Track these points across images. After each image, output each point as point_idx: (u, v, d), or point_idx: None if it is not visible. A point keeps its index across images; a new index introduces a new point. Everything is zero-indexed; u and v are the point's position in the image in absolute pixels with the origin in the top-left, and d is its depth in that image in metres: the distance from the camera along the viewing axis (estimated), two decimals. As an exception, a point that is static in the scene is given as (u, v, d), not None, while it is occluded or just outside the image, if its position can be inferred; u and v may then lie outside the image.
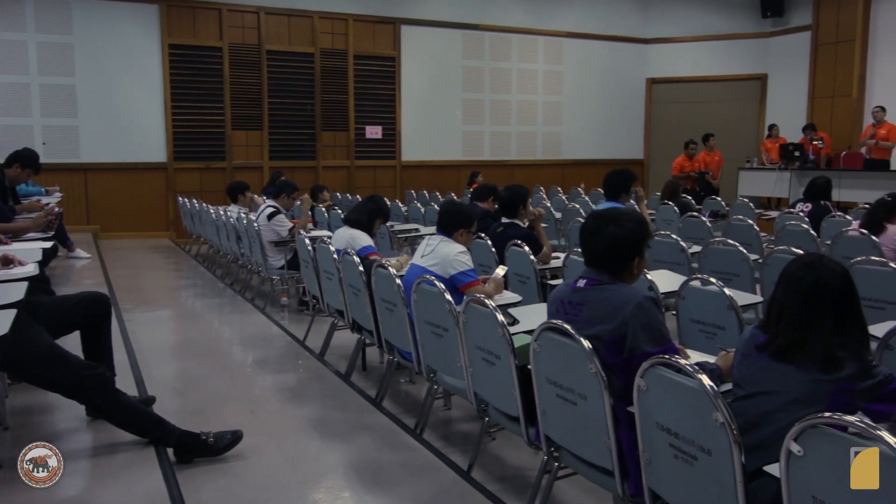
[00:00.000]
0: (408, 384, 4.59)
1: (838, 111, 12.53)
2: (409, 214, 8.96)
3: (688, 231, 6.63)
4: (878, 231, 5.10)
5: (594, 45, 14.33)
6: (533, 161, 14.00)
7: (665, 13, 14.68)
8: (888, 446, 1.49)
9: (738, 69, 14.40)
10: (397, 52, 12.63)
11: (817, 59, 12.88)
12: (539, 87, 14.01)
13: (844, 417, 1.60)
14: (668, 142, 14.69)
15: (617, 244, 2.51)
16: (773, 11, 13.78)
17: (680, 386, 2.02)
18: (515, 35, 13.62)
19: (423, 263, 3.80)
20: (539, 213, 5.09)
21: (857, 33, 12.17)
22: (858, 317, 2.11)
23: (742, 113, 14.47)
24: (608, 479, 2.41)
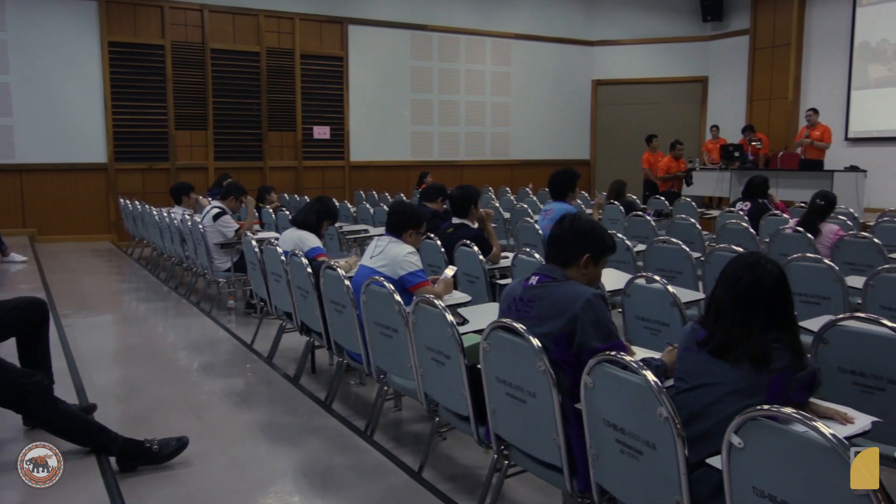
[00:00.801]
0: (358, 386, 4.57)
1: (775, 113, 12.94)
2: (358, 215, 8.91)
3: (633, 230, 6.76)
4: (813, 228, 5.29)
5: (541, 46, 14.49)
6: (482, 161, 14.08)
7: (609, 16, 14.93)
8: (824, 437, 1.54)
9: (680, 72, 14.75)
10: (345, 52, 12.55)
11: (755, 63, 13.28)
12: (487, 88, 14.09)
13: (783, 410, 1.65)
14: (614, 143, 14.97)
15: (575, 231, 2.60)
16: (713, 16, 14.17)
17: (625, 382, 2.06)
18: (463, 36, 13.67)
19: (372, 264, 3.79)
20: (488, 213, 5.12)
21: (793, 38, 12.59)
22: (791, 315, 2.19)
23: (684, 114, 14.82)
24: (557, 476, 2.44)
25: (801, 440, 1.60)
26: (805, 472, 1.61)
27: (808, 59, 12.65)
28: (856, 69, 11.89)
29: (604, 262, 2.67)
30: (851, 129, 11.95)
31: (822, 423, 1.57)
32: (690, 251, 4.78)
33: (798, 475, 1.63)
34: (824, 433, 1.54)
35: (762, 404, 1.74)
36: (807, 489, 1.61)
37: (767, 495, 1.69)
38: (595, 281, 2.66)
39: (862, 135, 11.82)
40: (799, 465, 1.62)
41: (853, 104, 11.94)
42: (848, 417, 2.08)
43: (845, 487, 1.50)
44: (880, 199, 10.61)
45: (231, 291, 6.70)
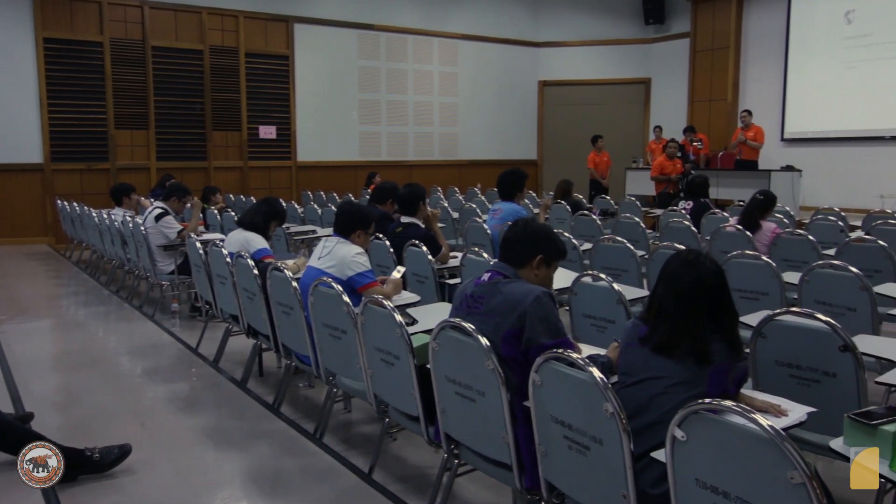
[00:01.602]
0: (306, 388, 4.52)
1: (715, 114, 13.30)
2: (306, 216, 8.83)
3: (579, 229, 6.86)
4: (753, 227, 5.45)
5: (488, 47, 14.59)
6: (430, 162, 14.09)
7: (555, 18, 15.12)
8: (762, 429, 1.59)
9: (624, 73, 15.02)
10: (291, 51, 12.40)
11: (696, 65, 13.62)
12: (435, 89, 14.12)
13: (723, 403, 1.70)
14: (561, 143, 15.17)
15: (528, 234, 2.65)
16: (655, 19, 14.48)
17: (572, 379, 2.09)
18: (411, 36, 13.66)
19: (320, 265, 3.75)
20: (434, 214, 5.13)
21: (731, 41, 12.96)
22: (730, 310, 2.26)
23: (628, 115, 15.11)
24: (507, 474, 2.46)
25: (741, 432, 1.65)
26: (744, 463, 1.66)
27: (746, 62, 13.04)
28: (790, 72, 12.29)
29: (555, 265, 2.72)
30: (787, 130, 12.35)
31: (761, 416, 1.62)
32: (635, 249, 4.87)
33: (738, 466, 1.68)
34: (763, 425, 1.59)
35: (703, 396, 1.78)
36: (746, 479, 1.66)
37: (709, 486, 1.74)
38: (547, 283, 2.70)
39: (797, 135, 12.24)
40: (739, 457, 1.67)
41: (789, 106, 12.34)
42: (782, 410, 2.15)
43: (783, 478, 1.56)
44: (815, 197, 11.01)
45: (175, 294, 6.55)
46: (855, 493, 3.00)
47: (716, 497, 1.73)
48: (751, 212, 5.56)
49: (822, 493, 1.53)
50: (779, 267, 4.16)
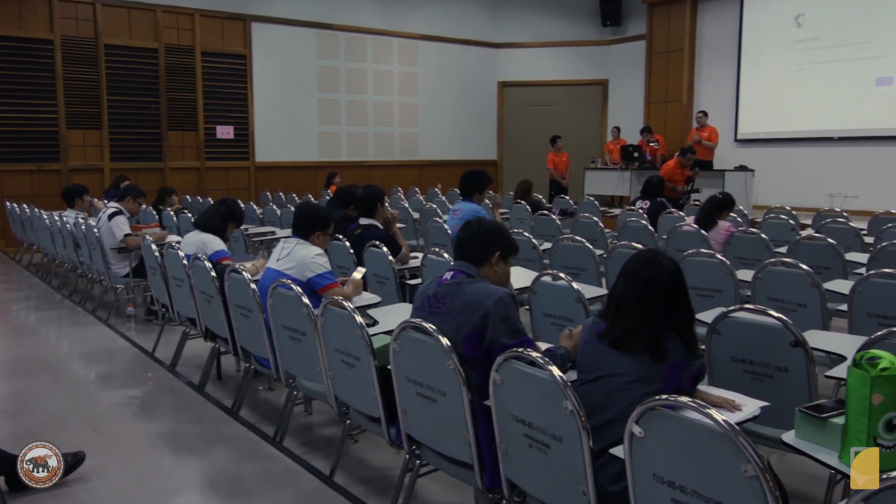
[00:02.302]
0: (266, 391, 4.47)
1: (671, 115, 13.53)
2: (265, 217, 8.73)
3: (539, 229, 6.91)
4: (710, 226, 5.56)
5: (448, 47, 14.60)
6: (391, 162, 14.05)
7: (514, 19, 15.21)
8: (717, 423, 1.63)
9: (582, 74, 15.18)
10: (248, 50, 12.25)
11: (652, 67, 13.84)
12: (395, 89, 14.08)
13: (679, 399, 1.73)
14: (520, 143, 15.26)
15: (482, 233, 2.69)
16: (612, 21, 14.67)
17: (532, 378, 2.10)
18: (370, 36, 13.61)
19: (279, 267, 3.72)
20: (394, 215, 5.12)
21: (686, 44, 13.20)
22: (687, 307, 2.30)
23: (586, 116, 15.28)
24: (468, 473, 2.47)
25: (697, 427, 1.68)
26: (700, 458, 1.69)
27: (700, 64, 13.29)
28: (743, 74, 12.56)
29: (511, 260, 2.76)
30: (741, 131, 12.63)
31: (716, 411, 1.65)
32: (594, 249, 4.93)
33: (694, 461, 1.71)
34: (717, 420, 1.62)
35: (659, 393, 1.81)
36: (702, 473, 1.69)
37: (666, 481, 1.77)
38: (506, 278, 2.75)
39: (750, 136, 12.51)
40: (695, 451, 1.70)
41: (742, 107, 12.61)
42: (736, 405, 2.20)
43: (737, 471, 1.59)
44: (767, 196, 11.27)
45: (130, 298, 6.42)
46: (808, 484, 3.10)
47: (673, 491, 1.76)
48: (709, 211, 5.67)
49: (775, 485, 1.56)
50: (733, 265, 4.26)
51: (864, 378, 1.80)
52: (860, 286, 3.60)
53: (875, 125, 10.85)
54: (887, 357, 1.81)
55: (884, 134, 10.77)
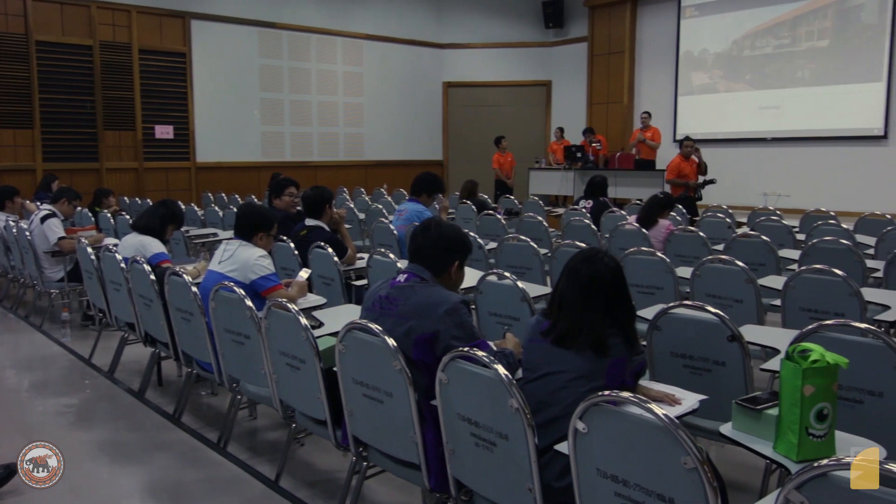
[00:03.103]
0: (209, 396, 4.39)
1: (612, 116, 13.78)
2: (207, 218, 8.55)
3: (485, 228, 6.95)
4: (651, 224, 5.69)
5: (392, 47, 14.57)
6: (336, 162, 13.94)
7: (458, 20, 15.27)
8: (657, 418, 1.66)
9: (526, 75, 15.34)
10: (188, 48, 11.99)
11: (593, 69, 14.07)
12: (339, 88, 13.97)
13: (621, 394, 1.76)
14: (466, 143, 15.34)
15: (440, 243, 2.64)
16: (554, 23, 14.87)
17: (477, 377, 2.11)
18: (314, 35, 13.47)
19: (222, 269, 3.64)
20: (340, 215, 5.08)
21: (626, 46, 13.47)
22: (628, 304, 2.34)
23: (530, 116, 15.44)
24: (416, 474, 2.46)
25: (638, 422, 1.72)
26: (642, 451, 1.73)
27: (640, 66, 13.58)
28: (681, 76, 12.90)
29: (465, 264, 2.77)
30: (679, 132, 12.93)
31: (656, 405, 1.69)
32: (538, 248, 4.98)
33: (636, 454, 1.74)
34: (657, 414, 1.66)
35: (602, 389, 1.85)
36: (644, 467, 1.73)
37: (610, 476, 1.80)
38: (461, 282, 2.75)
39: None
40: (636, 445, 1.74)
41: (680, 109, 12.94)
42: (676, 399, 2.26)
43: (677, 463, 1.63)
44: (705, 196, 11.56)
45: (65, 303, 6.21)
46: (745, 474, 3.19)
47: (616, 485, 1.79)
48: (650, 208, 5.80)
49: (713, 476, 1.61)
50: (672, 262, 4.36)
51: (797, 370, 1.86)
52: (792, 282, 3.72)
53: (805, 126, 11.27)
54: (818, 350, 1.88)
55: (813, 135, 11.20)
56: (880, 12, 10.50)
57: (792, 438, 1.87)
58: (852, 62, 10.83)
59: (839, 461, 1.38)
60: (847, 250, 4.52)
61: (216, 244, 6.44)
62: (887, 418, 2.36)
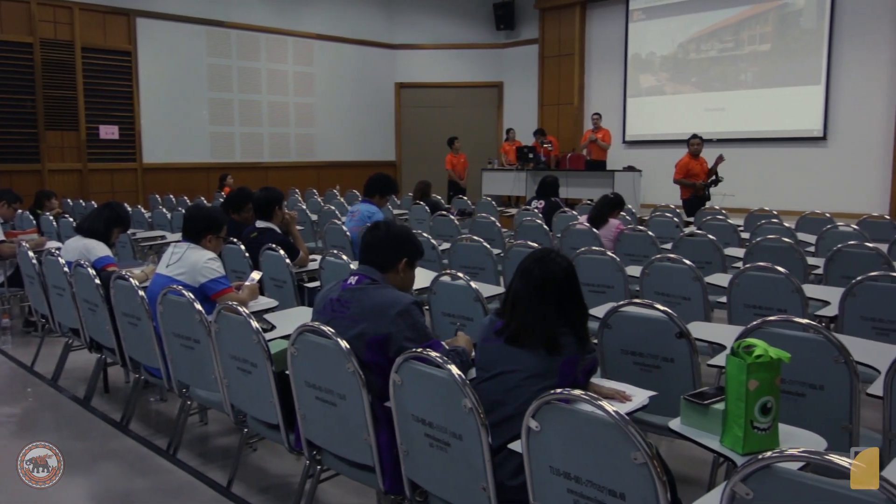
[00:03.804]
0: (158, 402, 4.29)
1: (563, 117, 13.94)
2: (154, 220, 8.36)
3: (438, 229, 6.96)
4: (601, 224, 5.77)
5: (344, 47, 14.47)
6: (287, 163, 13.79)
7: (410, 21, 15.26)
8: (608, 414, 1.69)
9: (477, 76, 15.42)
10: (133, 47, 11.70)
11: (544, 70, 14.21)
12: (290, 89, 13.82)
13: (573, 392, 1.79)
14: (418, 144, 15.33)
15: (389, 239, 2.67)
16: (505, 25, 14.97)
17: (431, 377, 2.12)
18: (264, 34, 13.30)
19: (170, 273, 3.57)
20: (292, 216, 5.03)
21: (576, 48, 13.64)
22: (580, 304, 2.38)
23: (483, 117, 15.52)
24: (370, 476, 2.45)
25: (590, 419, 1.74)
26: (593, 448, 1.75)
27: (590, 68, 13.77)
28: (629, 79, 13.13)
29: (416, 265, 2.77)
30: (628, 133, 13.17)
31: (607, 402, 1.72)
32: (491, 248, 5.01)
33: (588, 451, 1.77)
34: (608, 411, 1.69)
35: (555, 387, 1.87)
36: (595, 463, 1.76)
37: (562, 473, 1.82)
38: (411, 283, 2.76)
39: (637, 138, 13.08)
40: (588, 442, 1.76)
41: (629, 110, 13.17)
42: (626, 395, 2.30)
43: (627, 459, 1.66)
44: (654, 195, 11.80)
45: (5, 309, 6.00)
46: (694, 467, 3.26)
47: (568, 482, 1.81)
48: (601, 208, 5.88)
49: (662, 470, 1.64)
50: (623, 261, 4.43)
51: (741, 365, 1.91)
52: (737, 279, 3.83)
53: (749, 128, 11.58)
54: (761, 345, 1.93)
55: (757, 136, 11.52)
56: (818, 17, 10.86)
57: (738, 432, 1.92)
58: (792, 65, 11.17)
59: (782, 453, 1.42)
60: (789, 248, 4.66)
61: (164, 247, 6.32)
62: (828, 410, 2.44)
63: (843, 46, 10.62)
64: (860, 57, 10.44)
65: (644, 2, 12.80)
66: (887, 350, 2.56)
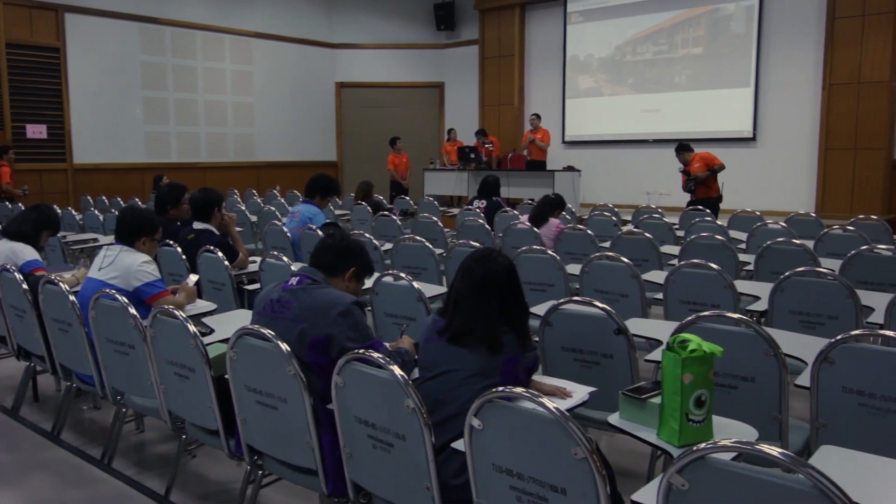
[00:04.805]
0: (91, 411, 4.15)
1: (504, 118, 14.06)
2: (86, 223, 8.09)
3: (380, 229, 6.94)
4: (542, 223, 5.85)
5: (283, 46, 14.27)
6: (225, 163, 13.52)
7: (350, 20, 15.15)
8: (549, 411, 1.71)
9: (418, 77, 15.42)
10: (62, 43, 11.29)
11: (485, 71, 14.31)
12: (228, 87, 13.56)
13: (515, 390, 1.81)
14: (360, 144, 15.24)
15: (341, 246, 2.70)
16: (446, 25, 15.02)
17: (374, 378, 2.11)
18: (200, 32, 13.00)
19: (102, 276, 3.46)
20: (231, 217, 4.94)
21: (516, 49, 13.77)
22: (521, 302, 2.40)
23: (424, 118, 15.54)
24: (313, 480, 2.43)
25: (531, 416, 1.76)
26: (535, 445, 1.78)
27: (530, 69, 13.92)
28: (568, 80, 13.33)
29: (363, 281, 2.81)
30: (567, 134, 13.37)
31: (548, 399, 1.74)
32: (434, 248, 5.02)
33: (529, 448, 1.79)
34: (549, 407, 1.71)
35: (497, 386, 1.88)
36: (537, 459, 1.78)
37: (505, 470, 1.84)
38: (356, 290, 2.76)
39: (576, 138, 13.29)
40: (530, 439, 1.78)
41: (568, 111, 13.37)
42: (567, 392, 2.33)
43: (568, 454, 1.68)
44: (593, 195, 12.02)
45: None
46: (634, 460, 3.34)
47: (511, 479, 1.83)
48: (543, 210, 5.96)
49: (602, 464, 1.67)
50: (563, 260, 4.50)
51: (676, 360, 1.96)
52: (673, 276, 3.93)
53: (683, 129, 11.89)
54: (695, 340, 1.99)
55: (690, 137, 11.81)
56: (747, 22, 11.23)
57: (674, 425, 1.97)
58: (724, 68, 11.52)
59: (716, 444, 1.47)
60: (722, 246, 4.81)
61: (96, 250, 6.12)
62: (759, 401, 2.53)
63: (770, 50, 11.02)
64: (787, 60, 10.85)
65: (582, 4, 13.02)
66: (813, 342, 2.66)
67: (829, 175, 10.47)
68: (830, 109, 10.33)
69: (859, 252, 4.22)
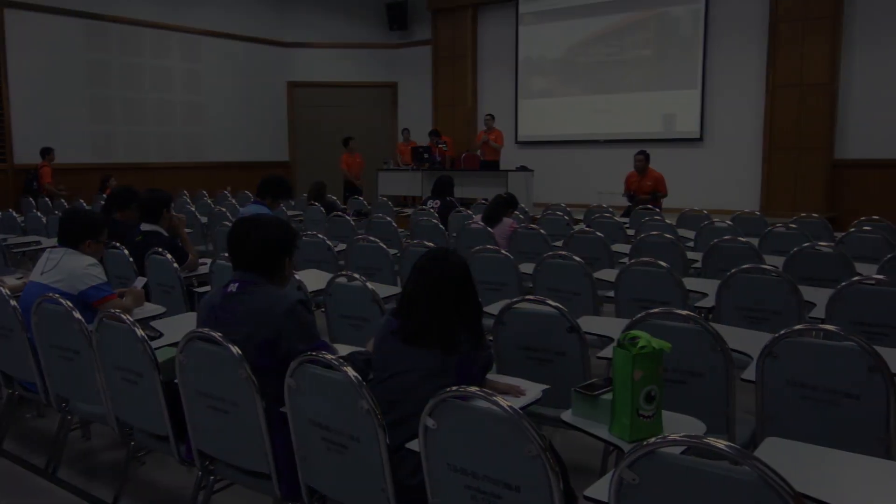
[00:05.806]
0: (35, 419, 4.03)
1: (457, 118, 14.10)
2: (28, 225, 7.84)
3: (334, 230, 6.88)
4: (495, 223, 5.88)
5: (233, 45, 14.05)
6: (175, 163, 13.23)
7: (301, 19, 15.00)
8: (502, 409, 1.72)
9: (371, 76, 15.35)
10: (1, 40, 10.92)
11: (438, 71, 14.33)
12: (177, 86, 13.29)
13: (469, 389, 1.81)
14: (313, 144, 15.10)
15: (268, 246, 2.54)
16: (398, 25, 14.99)
17: (327, 380, 2.10)
18: (147, 29, 12.71)
19: (45, 280, 3.36)
20: (180, 219, 4.84)
21: (469, 50, 13.83)
22: (475, 302, 2.42)
23: (378, 117, 15.48)
24: (267, 484, 2.40)
25: (485, 414, 1.77)
26: (489, 443, 1.79)
27: (483, 69, 13.99)
28: (521, 81, 13.44)
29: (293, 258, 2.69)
30: (521, 134, 13.48)
31: (502, 398, 1.75)
32: (388, 248, 5.01)
33: (483, 447, 1.80)
34: (502, 406, 1.72)
35: (452, 385, 1.89)
36: (491, 458, 1.79)
37: (459, 469, 1.84)
38: (291, 276, 2.69)
39: (529, 139, 13.41)
40: (484, 438, 1.79)
41: (521, 112, 13.47)
42: (521, 390, 2.35)
43: (521, 452, 1.70)
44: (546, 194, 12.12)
45: None
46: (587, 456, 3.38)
47: (466, 478, 1.84)
48: (496, 209, 6.00)
49: (555, 461, 1.69)
50: (516, 259, 4.53)
51: (627, 357, 1.99)
52: (624, 274, 4.00)
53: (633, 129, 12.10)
54: (645, 337, 2.02)
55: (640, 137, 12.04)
56: (694, 25, 11.48)
57: (625, 420, 2.00)
58: (672, 70, 11.75)
59: (665, 439, 1.50)
60: (671, 244, 4.91)
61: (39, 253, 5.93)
62: (707, 396, 2.59)
63: (716, 52, 11.28)
64: (732, 62, 11.12)
65: (534, 6, 13.13)
66: (759, 337, 2.73)
67: (773, 174, 10.77)
68: (774, 111, 10.63)
69: (801, 249, 4.36)
